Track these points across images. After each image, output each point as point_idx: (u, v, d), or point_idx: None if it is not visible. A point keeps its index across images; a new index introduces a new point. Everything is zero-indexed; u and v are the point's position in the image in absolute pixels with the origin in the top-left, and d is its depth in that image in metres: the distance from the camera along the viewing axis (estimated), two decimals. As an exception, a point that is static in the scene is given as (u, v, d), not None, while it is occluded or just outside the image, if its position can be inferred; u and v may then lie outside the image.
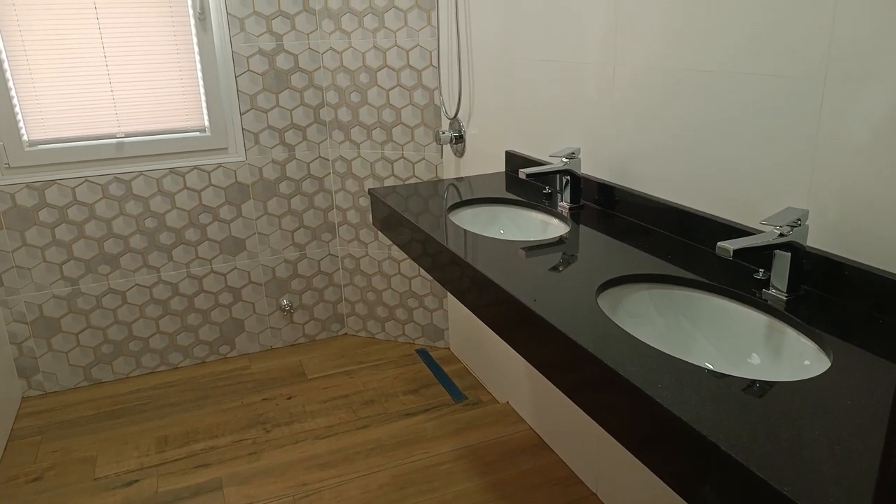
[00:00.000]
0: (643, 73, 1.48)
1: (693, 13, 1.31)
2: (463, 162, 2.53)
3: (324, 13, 2.66)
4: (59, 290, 2.60)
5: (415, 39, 2.56)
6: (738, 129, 1.24)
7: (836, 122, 1.05)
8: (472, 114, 2.39)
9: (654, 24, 1.42)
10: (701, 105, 1.33)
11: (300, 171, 2.83)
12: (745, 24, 1.20)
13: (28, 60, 2.35)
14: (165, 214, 2.67)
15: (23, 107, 2.39)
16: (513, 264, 1.31)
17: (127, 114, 2.52)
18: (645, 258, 1.31)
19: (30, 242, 2.51)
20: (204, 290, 2.81)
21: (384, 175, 2.79)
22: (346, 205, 2.91)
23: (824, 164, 1.09)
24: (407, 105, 2.66)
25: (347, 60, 2.68)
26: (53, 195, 2.50)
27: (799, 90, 1.11)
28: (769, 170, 1.19)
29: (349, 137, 2.79)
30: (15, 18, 2.30)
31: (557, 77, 1.80)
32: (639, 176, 1.55)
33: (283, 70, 2.68)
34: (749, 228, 1.25)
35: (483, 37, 2.19)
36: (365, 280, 2.98)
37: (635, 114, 1.52)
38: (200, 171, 2.67)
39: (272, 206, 2.83)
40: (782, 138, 1.16)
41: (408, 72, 2.62)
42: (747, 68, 1.20)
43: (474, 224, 1.78)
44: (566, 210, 1.68)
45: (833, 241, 1.09)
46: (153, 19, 2.47)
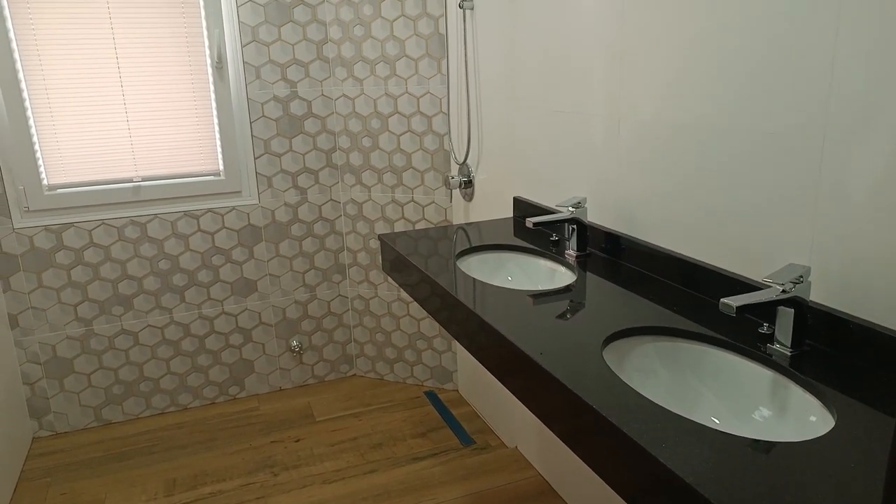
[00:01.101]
0: (647, 126, 1.51)
1: (695, 68, 1.35)
2: (472, 206, 2.57)
3: (337, 61, 2.73)
4: (73, 330, 2.63)
5: (425, 87, 2.63)
6: (740, 183, 1.27)
7: (836, 178, 1.08)
8: (480, 159, 2.43)
9: (658, 79, 1.46)
10: (703, 158, 1.35)
11: (312, 214, 2.88)
12: (745, 79, 1.23)
13: (50, 107, 2.43)
14: (179, 256, 2.71)
15: (44, 152, 2.46)
16: (520, 314, 1.33)
17: (144, 158, 2.59)
18: (650, 308, 1.33)
19: (46, 284, 2.56)
20: (215, 330, 2.84)
21: (394, 218, 2.83)
22: (356, 246, 2.94)
23: (825, 219, 1.10)
24: (417, 150, 2.71)
25: (359, 106, 2.75)
26: (70, 238, 2.55)
27: (798, 146, 1.13)
28: (771, 223, 1.21)
29: (360, 181, 2.84)
30: (39, 66, 2.39)
31: (564, 127, 1.84)
32: (644, 225, 1.57)
33: (296, 116, 2.75)
34: (752, 281, 1.26)
35: (491, 86, 2.25)
36: (374, 321, 3.00)
37: (640, 164, 1.55)
38: (214, 214, 2.72)
39: (284, 247, 2.87)
40: (783, 193, 1.18)
41: (418, 118, 2.67)
42: (747, 123, 1.23)
43: (482, 270, 1.80)
44: (573, 258, 1.70)
45: (836, 296, 1.10)
46: (172, 68, 2.55)
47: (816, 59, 1.08)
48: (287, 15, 2.64)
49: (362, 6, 2.62)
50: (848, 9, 1.02)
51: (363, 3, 2.61)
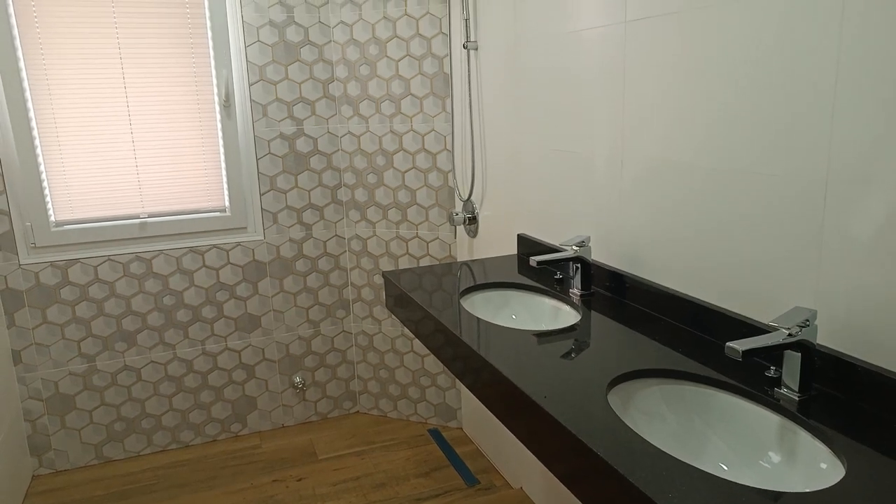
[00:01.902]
0: (650, 167, 1.52)
1: (696, 112, 1.36)
2: (476, 242, 2.57)
3: (343, 99, 2.77)
4: (76, 366, 2.62)
5: (430, 125, 2.65)
6: (743, 225, 1.27)
7: (839, 223, 1.07)
8: (484, 196, 2.44)
9: (661, 121, 1.47)
10: (706, 200, 1.36)
11: (317, 250, 2.88)
12: (745, 124, 1.24)
13: (60, 145, 2.46)
14: (183, 292, 2.71)
15: (52, 189, 2.49)
16: (524, 355, 1.32)
17: (151, 195, 2.61)
18: (655, 349, 1.31)
19: (50, 320, 2.56)
20: (218, 367, 2.82)
21: (399, 253, 2.84)
22: (360, 282, 2.94)
23: (830, 263, 1.10)
24: (422, 186, 2.73)
25: (365, 144, 2.78)
26: (76, 274, 2.56)
27: (801, 191, 1.14)
28: (775, 266, 1.21)
29: (365, 217, 2.86)
30: (49, 104, 2.43)
31: (567, 166, 1.85)
32: (648, 264, 1.57)
33: (302, 153, 2.77)
34: (758, 323, 1.25)
35: (495, 124, 2.27)
36: (378, 357, 2.98)
37: (643, 204, 1.56)
38: (219, 250, 2.73)
39: (288, 283, 2.87)
40: (787, 236, 1.18)
41: (423, 155, 2.70)
42: (749, 167, 1.24)
43: (486, 308, 1.80)
44: (577, 297, 1.69)
45: (844, 340, 1.09)
46: (181, 106, 2.59)
47: (816, 107, 1.09)
48: (294, 54, 2.68)
49: (368, 46, 2.67)
50: (846, 58, 1.03)
51: (369, 43, 2.66)
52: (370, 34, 2.65)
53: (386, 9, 2.60)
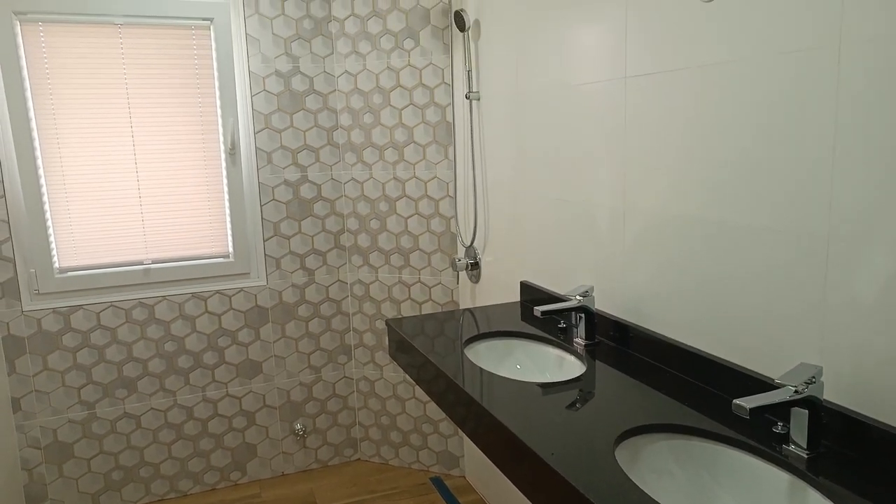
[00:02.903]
0: (653, 220, 1.53)
1: (698, 165, 1.38)
2: (478, 288, 2.58)
3: (347, 147, 2.81)
4: (75, 414, 2.60)
5: (433, 172, 2.69)
6: (746, 280, 1.28)
7: (841, 281, 1.08)
8: (487, 242, 2.46)
9: (662, 174, 1.49)
10: (709, 253, 1.37)
11: (319, 295, 2.89)
12: (746, 179, 1.26)
13: (66, 192, 2.49)
14: (185, 338, 2.71)
15: (57, 236, 2.50)
16: (529, 408, 1.31)
17: (155, 241, 2.63)
18: (662, 402, 1.31)
19: (51, 367, 2.55)
20: (218, 413, 2.80)
21: (401, 298, 2.84)
22: (362, 327, 2.94)
23: (834, 320, 1.11)
24: (424, 232, 2.75)
25: (368, 190, 2.81)
26: (78, 320, 2.56)
27: (803, 248, 1.15)
28: (780, 321, 1.21)
29: (368, 262, 2.87)
30: (57, 152, 2.46)
31: (569, 215, 1.87)
32: (652, 315, 1.57)
33: (306, 199, 2.80)
34: (764, 377, 1.25)
35: (497, 172, 2.30)
36: (379, 403, 2.96)
37: (647, 256, 1.57)
38: (222, 296, 2.74)
39: (290, 328, 2.86)
40: (790, 292, 1.18)
41: (426, 201, 2.72)
42: (750, 223, 1.25)
43: (490, 358, 1.79)
44: (581, 347, 1.69)
45: (850, 396, 1.09)
46: (187, 154, 2.62)
47: (815, 167, 1.11)
48: (299, 103, 2.73)
49: (372, 95, 2.72)
50: (843, 120, 1.06)
51: (373, 92, 2.71)
52: (374, 83, 2.71)
53: (390, 59, 2.66)
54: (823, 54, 1.09)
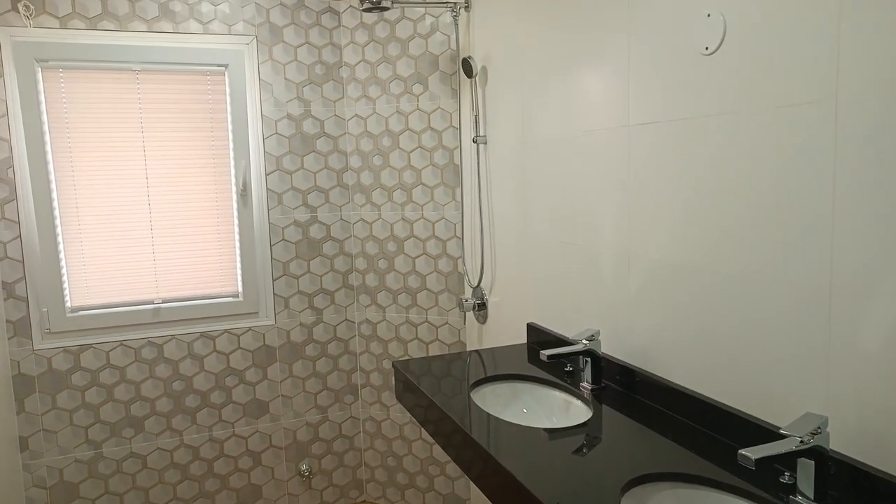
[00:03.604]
0: (656, 265, 1.55)
1: (700, 213, 1.40)
2: (485, 328, 2.59)
3: (356, 188, 2.86)
4: (82, 453, 2.60)
5: (440, 213, 2.72)
6: (751, 329, 1.29)
7: (845, 332, 1.09)
8: (494, 283, 2.48)
9: (666, 220, 1.51)
10: (713, 301, 1.38)
11: (327, 334, 2.90)
12: (749, 230, 1.28)
13: (80, 232, 2.54)
14: (193, 377, 2.72)
15: (70, 276, 2.54)
16: (535, 454, 1.31)
17: (166, 281, 2.66)
18: (668, 448, 1.31)
19: (60, 405, 2.56)
20: (224, 453, 2.79)
21: (408, 338, 2.85)
22: (369, 367, 2.94)
23: (839, 368, 1.11)
24: (432, 272, 2.77)
25: (377, 230, 2.84)
26: (88, 359, 2.58)
27: (806, 298, 1.16)
28: (785, 370, 1.22)
29: (375, 301, 2.89)
30: (73, 193, 2.51)
31: (574, 259, 1.89)
32: (658, 361, 1.57)
33: (315, 239, 2.84)
34: (769, 425, 1.25)
35: (503, 214, 2.33)
36: (386, 444, 2.94)
37: (652, 302, 1.58)
38: (230, 335, 2.76)
39: (297, 368, 2.87)
40: (795, 342, 1.19)
41: (433, 241, 2.75)
42: (753, 272, 1.27)
43: (496, 401, 1.79)
44: (588, 391, 1.69)
45: (857, 446, 1.09)
46: (200, 195, 2.67)
47: (816, 218, 1.13)
48: (310, 145, 2.79)
49: (381, 138, 2.77)
50: (841, 177, 1.08)
51: (382, 135, 2.77)
52: (384, 127, 2.77)
53: (399, 104, 2.72)
54: (821, 109, 1.11)
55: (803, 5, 1.13)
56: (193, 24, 2.58)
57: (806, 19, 1.13)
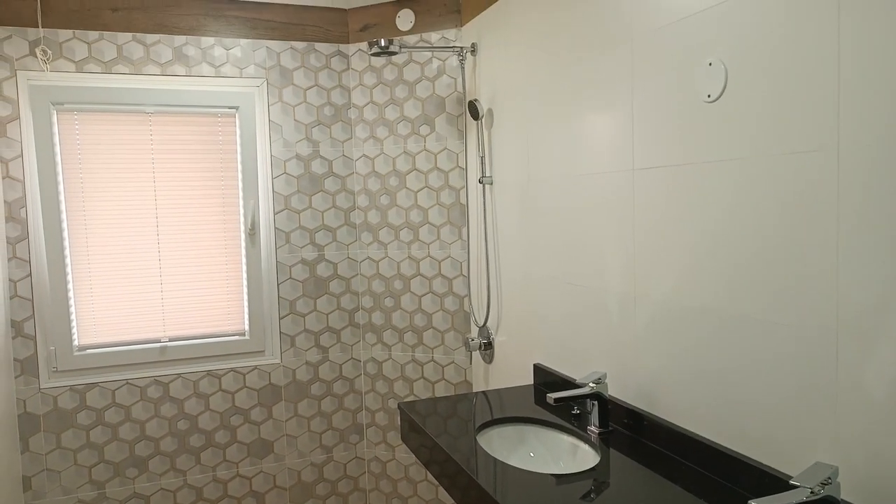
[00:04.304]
0: (663, 307, 1.55)
1: (706, 255, 1.41)
2: (492, 368, 2.58)
3: (363, 227, 2.88)
4: (85, 494, 2.58)
5: (447, 251, 2.74)
6: (758, 372, 1.28)
7: (853, 376, 1.09)
8: (500, 322, 2.48)
9: (671, 263, 1.52)
10: (720, 344, 1.38)
11: (332, 373, 2.89)
12: (753, 273, 1.28)
13: (90, 271, 2.56)
14: (198, 416, 2.71)
15: (78, 314, 2.56)
16: (543, 502, 1.30)
17: (173, 319, 2.67)
18: (677, 496, 1.29)
19: (64, 445, 2.55)
20: (228, 494, 2.76)
21: (414, 377, 2.83)
22: (375, 406, 2.92)
23: (847, 416, 1.10)
24: (438, 311, 2.78)
25: (383, 268, 2.86)
26: (94, 398, 2.57)
27: (812, 342, 1.16)
28: (793, 416, 1.21)
29: (381, 340, 2.89)
30: (84, 233, 2.54)
31: (581, 300, 1.90)
32: (665, 404, 1.56)
33: (322, 277, 2.85)
34: (779, 473, 1.24)
35: (509, 254, 2.34)
36: (391, 485, 2.91)
37: (659, 343, 1.58)
38: (236, 374, 2.75)
39: (302, 407, 2.86)
40: (802, 386, 1.19)
41: (440, 280, 2.76)
42: (759, 315, 1.27)
43: (503, 445, 1.78)
44: (595, 434, 1.68)
45: (867, 494, 1.08)
46: (208, 234, 2.70)
47: (819, 263, 1.14)
48: (318, 185, 2.83)
49: (389, 178, 2.81)
50: (845, 221, 1.09)
51: (390, 175, 2.80)
52: (391, 167, 2.80)
53: (406, 144, 2.76)
54: (823, 157, 1.13)
55: (802, 56, 1.16)
56: (206, 67, 2.64)
57: (806, 69, 1.16)
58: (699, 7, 1.39)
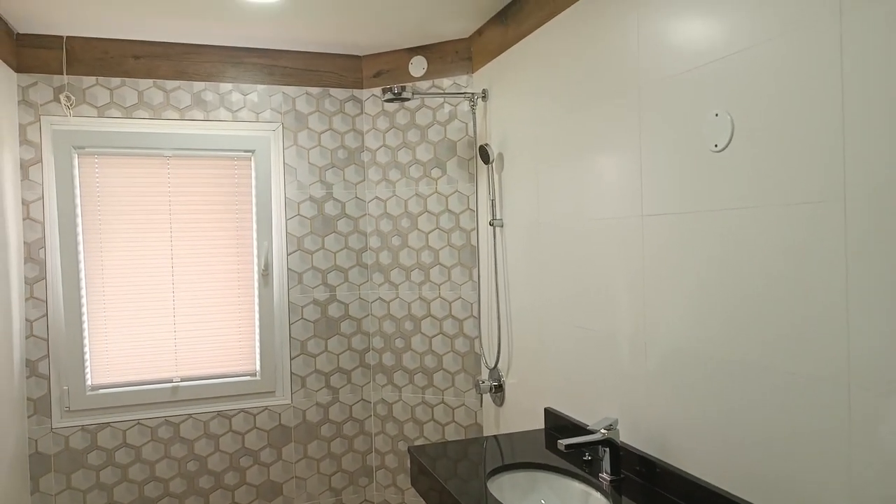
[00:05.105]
0: (674, 353, 1.55)
1: (716, 304, 1.41)
2: (502, 411, 2.56)
3: (375, 267, 2.91)
4: (93, 536, 2.57)
5: (457, 292, 2.75)
6: (771, 421, 1.27)
7: (866, 424, 1.08)
8: (511, 364, 2.47)
9: (682, 309, 1.52)
10: (732, 391, 1.37)
11: (342, 414, 2.88)
12: (763, 321, 1.28)
13: (105, 311, 2.59)
14: (208, 457, 2.70)
15: (92, 353, 2.58)
16: (554, 555, 1.28)
17: (186, 360, 2.69)
18: (691, 552, 1.27)
19: (74, 486, 2.54)
20: (236, 538, 2.74)
21: (424, 419, 2.82)
22: (385, 448, 2.90)
23: (861, 467, 1.09)
24: (448, 352, 2.77)
25: (394, 309, 2.87)
26: (105, 438, 2.58)
27: (825, 390, 1.15)
28: (807, 465, 1.19)
29: (391, 381, 2.88)
30: (100, 272, 2.58)
31: (590, 343, 1.89)
32: (678, 452, 1.55)
33: (333, 317, 2.87)
34: (797, 526, 1.22)
35: (519, 296, 2.35)
36: (401, 530, 2.87)
37: (670, 389, 1.57)
38: (247, 414, 2.75)
39: (312, 448, 2.84)
40: (815, 436, 1.18)
41: (450, 321, 2.77)
42: (771, 363, 1.26)
43: (514, 492, 1.76)
44: (607, 482, 1.66)
45: (886, 552, 1.06)
46: (222, 275, 2.74)
47: (829, 311, 1.14)
48: (331, 226, 2.86)
49: (400, 220, 2.84)
50: (854, 262, 1.10)
51: (401, 217, 2.84)
52: (403, 209, 2.84)
53: (418, 187, 2.80)
54: (830, 208, 1.14)
55: (808, 108, 1.18)
56: (224, 112, 2.71)
57: (811, 122, 1.18)
58: (705, 59, 1.42)
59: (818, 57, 1.16)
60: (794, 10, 1.20)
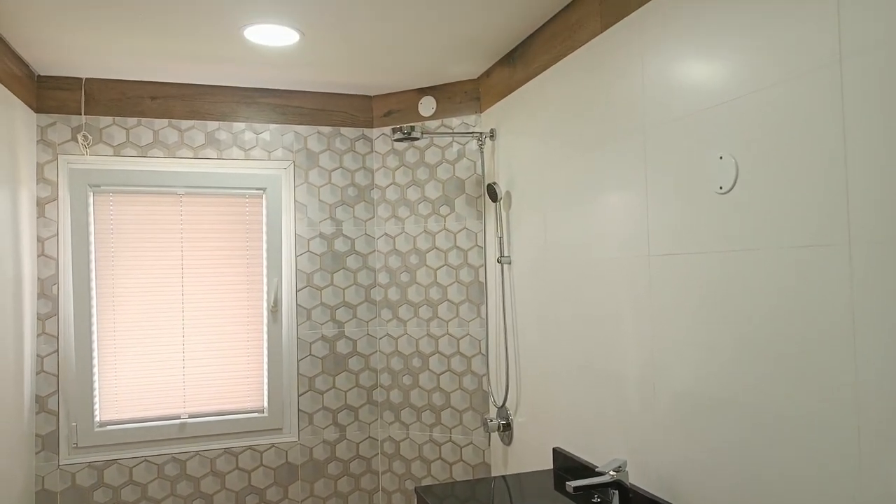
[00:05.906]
0: (683, 395, 1.54)
1: (723, 346, 1.41)
2: (511, 450, 2.53)
3: (383, 303, 2.91)
4: (97, 575, 2.54)
5: (465, 329, 2.75)
6: (783, 464, 1.26)
7: (875, 469, 1.07)
8: (519, 403, 2.45)
9: (690, 350, 1.52)
10: (741, 434, 1.36)
11: (349, 452, 2.86)
12: (771, 364, 1.28)
13: (115, 347, 2.61)
14: (214, 496, 2.68)
15: (101, 391, 2.59)
16: None
17: (194, 396, 2.69)
18: None
19: (79, 523, 2.53)
20: (240, 578, 2.70)
21: (431, 458, 2.79)
22: (391, 487, 2.87)
23: (875, 516, 1.07)
24: (456, 389, 2.76)
25: (402, 346, 2.87)
26: (112, 475, 2.57)
27: (834, 433, 1.14)
28: (821, 513, 1.18)
29: (399, 418, 2.87)
30: (112, 309, 2.61)
31: (599, 383, 1.88)
32: (688, 495, 1.53)
33: (341, 354, 2.87)
34: (810, 574, 1.19)
35: (527, 334, 2.35)
36: (407, 572, 2.82)
37: (678, 432, 1.56)
38: (253, 452, 2.74)
39: (319, 487, 2.82)
40: (825, 479, 1.16)
41: (458, 358, 2.76)
42: (780, 406, 1.25)
43: (522, 534, 1.73)
44: (617, 525, 1.63)
45: None
46: (232, 311, 2.75)
47: (836, 353, 1.14)
48: (341, 263, 2.88)
49: (409, 256, 2.86)
50: (860, 308, 1.10)
51: (410, 253, 2.86)
52: (411, 245, 2.86)
53: (427, 224, 2.83)
54: (835, 251, 1.15)
55: (811, 152, 1.20)
56: (236, 150, 2.76)
57: (814, 165, 1.19)
58: (709, 103, 1.45)
59: (820, 101, 1.18)
60: (796, 56, 1.23)
